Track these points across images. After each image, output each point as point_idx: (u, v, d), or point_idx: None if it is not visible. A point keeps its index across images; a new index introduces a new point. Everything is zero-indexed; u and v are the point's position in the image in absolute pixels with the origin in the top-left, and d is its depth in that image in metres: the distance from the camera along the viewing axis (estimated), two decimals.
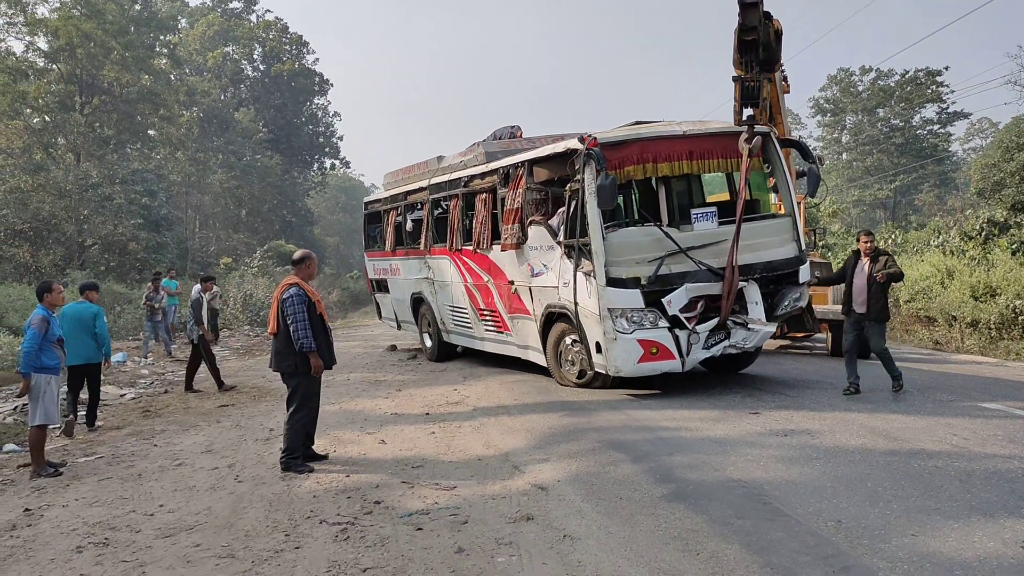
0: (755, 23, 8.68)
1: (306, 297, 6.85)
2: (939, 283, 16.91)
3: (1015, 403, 8.16)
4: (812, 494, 5.35)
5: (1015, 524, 4.63)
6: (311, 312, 6.85)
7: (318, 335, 6.87)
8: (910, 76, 55.10)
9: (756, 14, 8.69)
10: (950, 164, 60.20)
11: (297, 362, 6.85)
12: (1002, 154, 25.88)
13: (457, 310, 12.76)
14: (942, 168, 56.93)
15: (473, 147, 12.50)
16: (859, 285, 8.99)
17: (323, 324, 7.00)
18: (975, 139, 72.92)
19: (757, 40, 8.78)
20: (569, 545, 4.73)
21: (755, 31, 8.73)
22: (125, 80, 35.39)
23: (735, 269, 8.90)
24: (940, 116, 56.49)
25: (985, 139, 68.25)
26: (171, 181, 40.56)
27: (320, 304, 7.00)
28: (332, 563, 4.72)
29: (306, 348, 6.75)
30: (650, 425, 7.73)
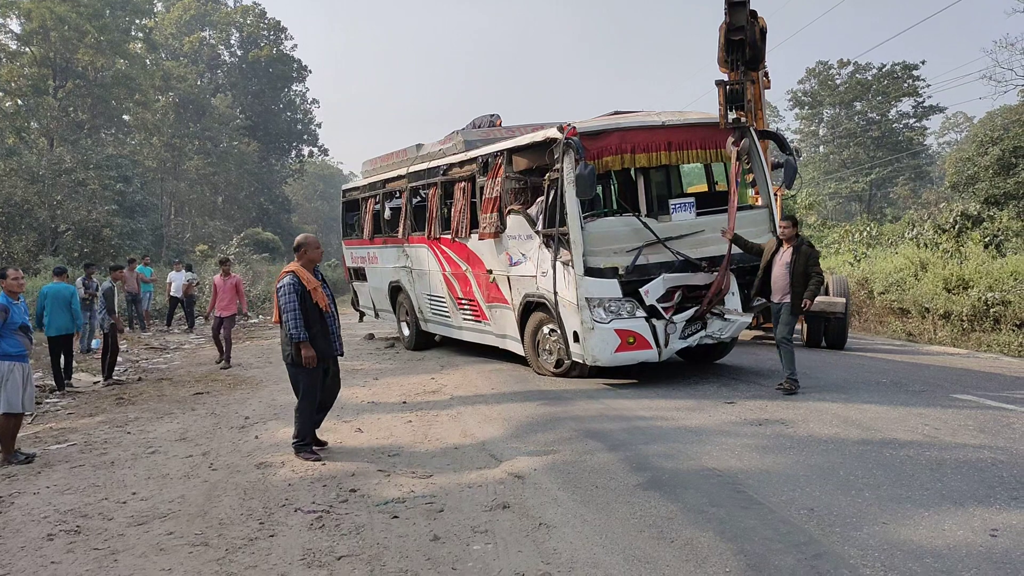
0: (743, 23, 8.71)
1: (299, 286, 6.71)
2: (912, 275, 17.09)
3: (986, 394, 8.28)
4: (785, 483, 5.41)
5: (984, 513, 4.71)
6: (305, 301, 6.71)
7: (311, 324, 6.72)
8: (887, 70, 55.58)
9: (744, 13, 8.72)
10: (925, 158, 60.91)
11: (294, 352, 6.75)
12: (976, 148, 26.21)
13: (435, 299, 12.73)
14: (917, 162, 57.56)
15: (452, 135, 12.45)
16: (779, 273, 8.66)
17: (320, 313, 6.82)
18: (950, 133, 73.83)
19: (744, 39, 8.81)
20: (545, 533, 4.75)
21: (742, 30, 8.76)
22: (100, 64, 34.88)
23: (728, 270, 8.97)
24: (916, 110, 57.06)
25: (960, 133, 69.14)
26: (146, 167, 40.05)
27: (317, 292, 6.79)
28: (307, 551, 4.70)
29: (295, 338, 6.63)
30: (626, 414, 7.76)
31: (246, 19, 55.80)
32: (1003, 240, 19.61)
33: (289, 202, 62.29)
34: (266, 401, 9.77)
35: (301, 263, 6.89)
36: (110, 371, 12.04)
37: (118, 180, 31.33)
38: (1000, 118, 36.40)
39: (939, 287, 15.67)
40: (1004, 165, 23.64)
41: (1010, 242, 19.96)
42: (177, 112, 44.63)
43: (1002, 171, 23.64)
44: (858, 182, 55.12)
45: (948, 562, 4.06)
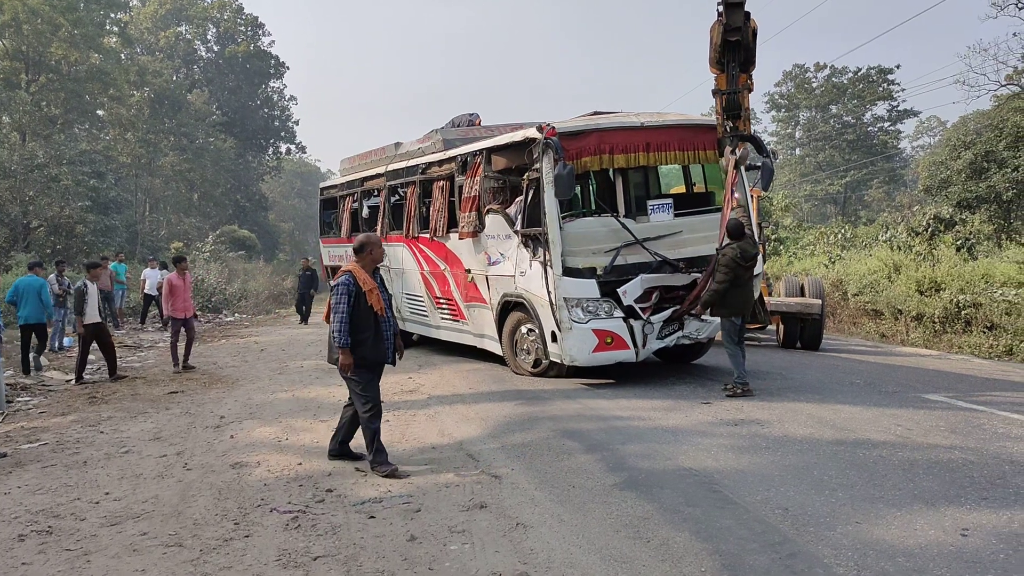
0: (739, 23, 8.75)
1: (354, 287, 6.24)
2: (886, 277, 17.33)
3: (957, 395, 8.40)
4: (760, 482, 5.45)
5: (955, 512, 4.77)
6: (360, 303, 6.24)
7: (364, 328, 6.24)
8: (862, 74, 56.19)
9: (740, 14, 8.76)
10: (899, 161, 61.65)
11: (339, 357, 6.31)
12: (949, 152, 26.56)
13: (413, 298, 12.69)
14: (891, 165, 58.25)
15: (431, 134, 12.43)
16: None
17: (375, 317, 6.32)
18: (923, 137, 74.68)
19: (740, 41, 8.85)
20: (522, 533, 4.75)
21: (739, 31, 8.79)
22: (73, 58, 34.37)
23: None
24: (890, 114, 57.74)
25: (933, 137, 69.98)
26: (120, 163, 39.52)
27: (373, 294, 6.29)
28: (282, 551, 4.67)
29: (337, 342, 6.20)
30: (604, 414, 7.79)
31: (223, 14, 55.25)
32: (975, 243, 19.93)
33: (266, 199, 61.74)
34: (242, 400, 9.69)
35: (362, 263, 6.42)
36: (112, 371, 11.74)
37: (92, 176, 30.92)
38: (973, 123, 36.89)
39: (912, 289, 15.90)
40: (976, 169, 23.99)
41: (981, 245, 20.29)
42: (152, 108, 44.08)
43: (974, 175, 23.99)
44: (833, 184, 55.67)
45: (920, 561, 4.11)
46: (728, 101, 9.06)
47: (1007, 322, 13.25)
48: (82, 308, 11.39)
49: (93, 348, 12.15)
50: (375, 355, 6.37)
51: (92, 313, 11.51)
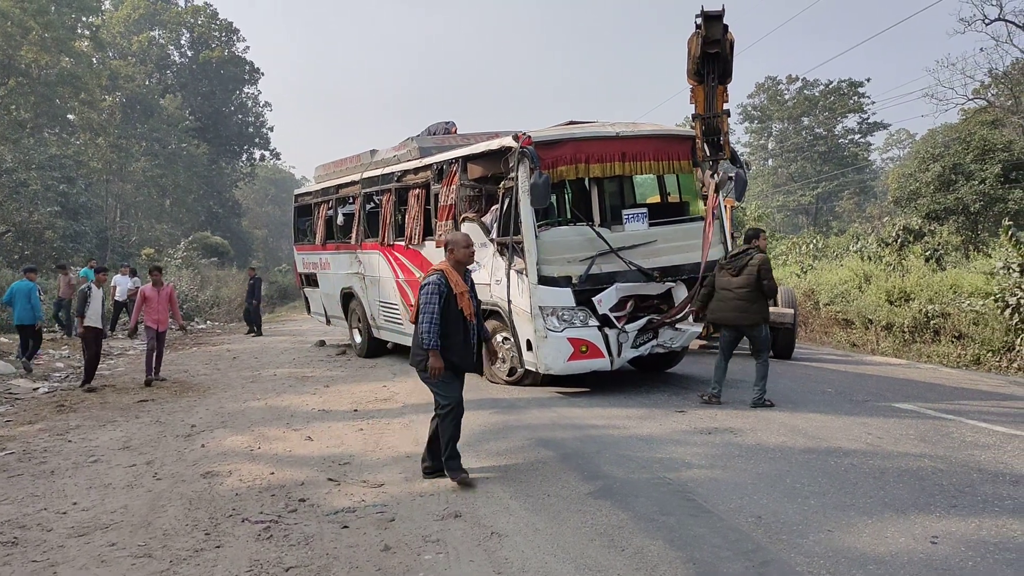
0: (719, 36, 8.83)
1: (445, 287, 5.97)
2: (857, 287, 17.53)
3: (926, 404, 8.51)
4: (734, 491, 5.48)
5: (925, 520, 4.83)
6: (449, 305, 5.97)
7: (452, 332, 5.98)
8: (833, 86, 56.99)
9: (719, 26, 8.84)
10: (869, 173, 62.54)
11: (425, 358, 6.02)
12: (918, 165, 26.97)
13: (388, 306, 12.64)
14: (862, 177, 59.10)
15: (407, 142, 12.41)
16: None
17: (464, 321, 6.06)
18: (893, 149, 75.84)
19: (719, 53, 8.93)
20: (496, 542, 4.74)
21: (718, 44, 8.87)
22: (44, 62, 33.92)
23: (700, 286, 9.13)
24: (861, 126, 58.63)
25: (903, 150, 71.11)
26: (91, 168, 38.98)
27: (463, 297, 6.04)
28: (254, 562, 4.62)
29: (425, 344, 5.90)
30: (579, 423, 7.79)
31: (197, 19, 54.84)
32: (943, 254, 20.24)
33: (240, 206, 61.29)
34: (213, 409, 9.59)
35: (450, 263, 6.16)
36: (88, 376, 11.53)
37: (61, 181, 30.51)
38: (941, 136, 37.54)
39: (882, 299, 16.10)
40: (944, 182, 24.40)
41: (950, 256, 20.61)
42: (124, 112, 43.62)
43: (942, 187, 24.40)
44: (805, 195, 56.34)
45: (890, 568, 4.15)
46: (707, 126, 9.15)
47: (975, 332, 13.46)
48: (83, 309, 11.32)
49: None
50: (461, 361, 6.09)
51: (94, 317, 11.41)
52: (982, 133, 26.31)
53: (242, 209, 63.14)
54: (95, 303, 11.38)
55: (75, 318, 11.86)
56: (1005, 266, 13.35)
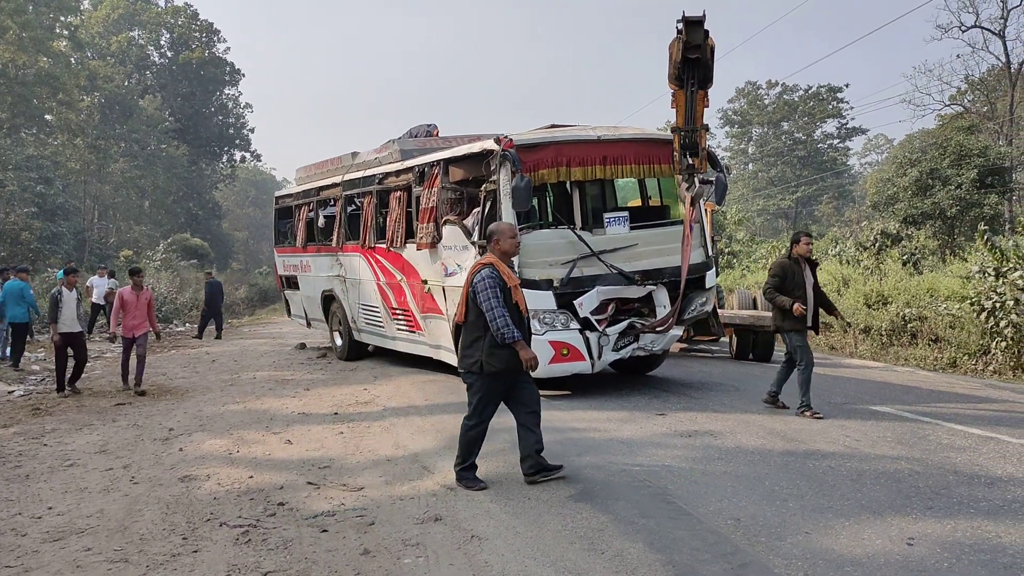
0: (699, 41, 8.88)
1: (501, 279, 5.72)
2: (835, 291, 17.67)
3: (903, 406, 8.59)
4: (713, 493, 5.51)
5: (901, 522, 4.87)
6: (507, 297, 5.72)
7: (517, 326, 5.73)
8: (813, 92, 57.60)
9: (700, 31, 8.89)
10: (848, 178, 63.20)
11: (484, 360, 5.73)
12: (896, 170, 27.28)
13: (369, 308, 12.60)
14: (840, 181, 59.71)
15: (388, 144, 12.38)
16: (810, 296, 8.23)
17: (519, 316, 5.79)
18: (871, 154, 76.66)
19: (700, 58, 8.97)
20: (476, 545, 4.73)
21: (699, 49, 8.92)
22: (21, 61, 33.54)
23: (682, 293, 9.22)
24: (840, 131, 59.29)
25: (881, 155, 71.86)
26: (69, 169, 38.59)
27: (517, 290, 5.82)
28: (232, 566, 4.58)
29: (508, 338, 5.59)
30: (560, 426, 7.80)
31: (177, 20, 54.46)
32: (920, 258, 20.47)
33: (219, 208, 60.87)
34: (191, 412, 9.51)
35: (495, 255, 5.87)
36: (72, 380, 11.25)
37: (38, 182, 30.18)
38: (918, 141, 38.00)
39: (860, 302, 16.25)
40: (921, 187, 24.70)
41: (926, 260, 20.85)
42: (103, 113, 43.21)
43: (920, 192, 24.70)
44: (785, 199, 56.83)
45: (867, 570, 4.18)
46: (686, 139, 9.21)
47: (951, 335, 13.61)
48: (55, 315, 10.99)
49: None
50: (516, 361, 5.74)
51: (67, 322, 11.05)
52: (958, 139, 26.66)
53: (222, 211, 62.73)
54: (67, 308, 11.05)
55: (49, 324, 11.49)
56: (981, 270, 13.51)
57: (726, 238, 30.31)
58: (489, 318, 5.63)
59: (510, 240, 5.92)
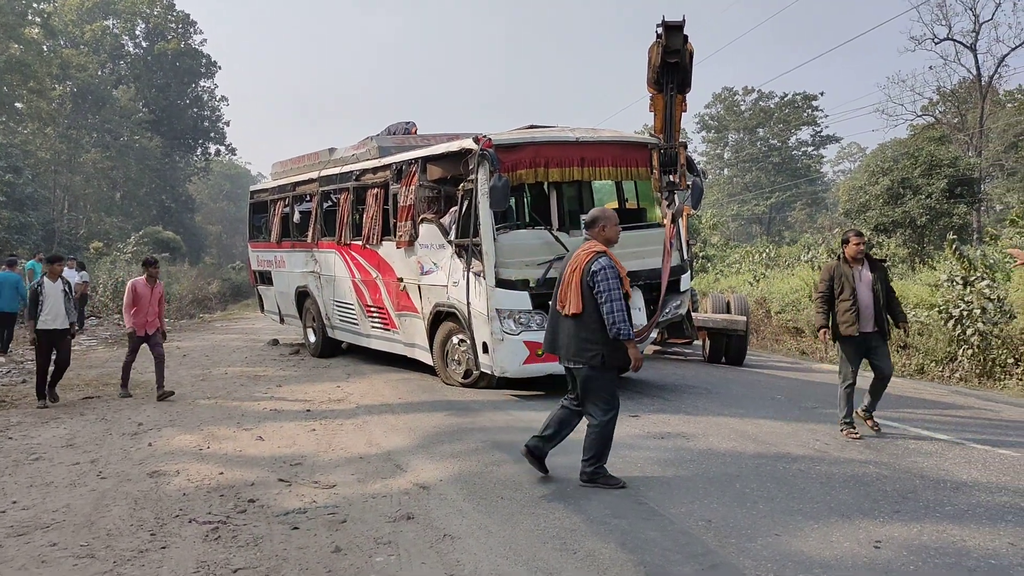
0: (678, 46, 8.93)
1: (617, 269, 5.48)
2: (807, 296, 17.86)
3: None
4: (685, 494, 5.54)
5: (869, 525, 4.94)
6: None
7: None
8: (788, 99, 58.20)
9: (680, 36, 8.94)
10: (821, 185, 63.93)
11: (605, 353, 5.49)
12: (868, 178, 27.64)
13: (343, 305, 12.54)
14: (814, 188, 60.39)
15: (366, 141, 12.33)
16: (865, 299, 7.37)
17: (627, 308, 5.53)
18: (844, 162, 77.59)
19: (679, 63, 9.02)
20: (449, 544, 4.72)
21: (678, 54, 8.96)
22: None
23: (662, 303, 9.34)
24: (814, 139, 59.97)
25: (853, 163, 72.74)
26: (39, 158, 37.98)
27: (626, 281, 5.57)
28: (201, 563, 4.53)
29: (624, 335, 5.39)
30: (534, 426, 7.76)
31: (153, 10, 53.77)
32: (890, 266, 20.75)
33: (193, 201, 60.28)
34: (161, 407, 9.40)
35: (601, 242, 5.62)
36: (51, 384, 9.89)
37: (7, 171, 29.66)
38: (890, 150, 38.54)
39: None
40: (893, 195, 25.05)
41: (897, 268, 21.14)
42: (75, 102, 42.60)
43: (891, 201, 25.04)
44: (759, 205, 57.35)
45: (835, 572, 4.23)
46: (664, 156, 9.28)
47: (919, 342, 13.81)
48: (35, 311, 9.63)
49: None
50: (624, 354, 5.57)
51: (50, 316, 9.69)
52: (929, 149, 27.08)
53: (195, 204, 62.13)
54: (51, 301, 9.68)
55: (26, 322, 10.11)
56: (949, 279, 13.74)
57: (701, 242, 30.54)
58: (607, 310, 5.39)
59: (614, 228, 5.71)
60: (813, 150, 61.05)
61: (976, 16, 36.26)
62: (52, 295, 9.73)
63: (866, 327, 7.39)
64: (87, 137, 42.40)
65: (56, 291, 9.78)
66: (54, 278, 9.88)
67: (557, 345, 5.76)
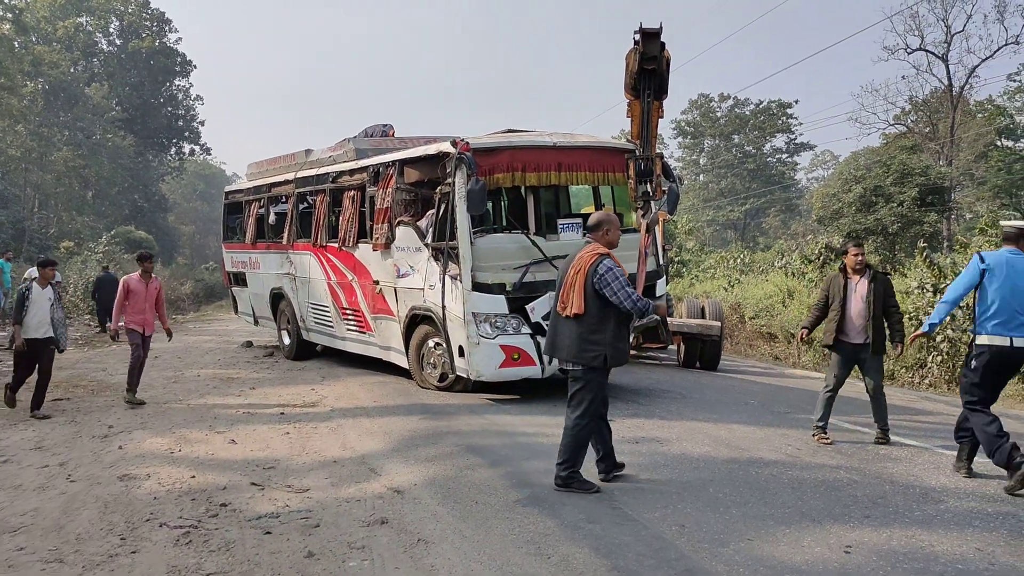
0: (656, 52, 8.98)
1: (622, 271, 5.70)
2: (780, 302, 18.04)
3: (843, 417, 8.78)
4: (659, 499, 5.57)
5: (840, 530, 5.00)
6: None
7: (623, 322, 5.78)
8: (763, 107, 58.75)
9: (657, 43, 8.99)
10: (795, 191, 64.60)
11: (608, 354, 5.66)
12: (841, 185, 28.01)
13: (318, 308, 12.47)
14: (788, 195, 61.03)
15: (343, 143, 12.28)
16: (857, 309, 7.42)
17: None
18: (818, 170, 78.35)
19: (656, 69, 9.08)
20: (423, 549, 4.71)
21: (655, 60, 9.02)
22: None
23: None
24: (788, 146, 60.64)
25: (827, 170, 73.49)
26: (9, 156, 37.39)
27: (631, 280, 5.84)
28: (172, 568, 4.49)
29: (645, 307, 5.63)
30: (509, 430, 7.82)
31: (127, 7, 53.16)
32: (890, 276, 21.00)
33: (166, 201, 59.61)
34: (132, 409, 9.28)
35: (604, 245, 5.76)
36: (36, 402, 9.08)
37: None
38: (863, 158, 39.06)
39: (804, 314, 16.57)
40: (865, 203, 25.39)
41: None
42: (47, 100, 41.97)
43: (863, 208, 25.38)
44: (734, 211, 57.86)
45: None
46: (640, 168, 9.33)
47: (889, 348, 13.95)
48: (20, 316, 8.99)
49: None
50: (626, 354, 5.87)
51: (32, 325, 9.00)
52: (901, 158, 27.49)
53: (169, 204, 61.45)
54: (36, 308, 9.01)
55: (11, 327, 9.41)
56: (920, 286, 13.92)
57: (676, 247, 30.72)
58: (623, 296, 5.53)
59: (616, 232, 5.89)
60: (787, 157, 61.74)
61: (948, 27, 36.86)
62: (39, 301, 9.10)
63: (856, 339, 7.47)
64: (59, 135, 41.80)
65: (43, 298, 9.15)
66: (44, 284, 9.23)
67: (557, 347, 5.86)
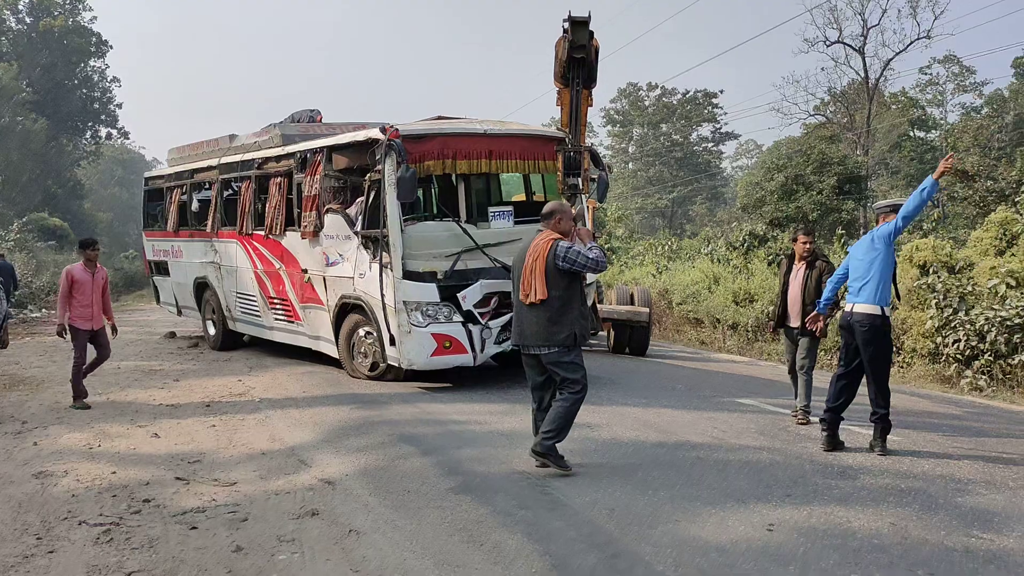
0: (584, 41, 9.02)
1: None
2: (707, 288, 18.45)
3: (766, 399, 9.07)
4: (590, 484, 5.65)
5: (763, 509, 5.15)
6: None
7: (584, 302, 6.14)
8: (690, 96, 59.74)
9: (585, 32, 9.03)
10: (720, 180, 65.99)
11: (577, 331, 5.76)
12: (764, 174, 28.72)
13: (245, 297, 12.20)
14: (714, 183, 62.32)
15: (269, 128, 12.01)
16: (793, 294, 7.70)
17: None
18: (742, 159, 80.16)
19: (585, 58, 9.12)
20: (354, 540, 4.67)
21: (584, 49, 9.06)
22: None
23: None
24: (714, 135, 61.86)
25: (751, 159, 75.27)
26: None
27: None
28: (91, 567, 4.35)
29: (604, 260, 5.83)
30: (441, 418, 7.81)
31: None
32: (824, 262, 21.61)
33: (82, 187, 57.25)
34: (48, 404, 8.93)
35: (556, 233, 5.84)
36: None
37: None
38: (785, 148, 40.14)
39: (729, 300, 17.03)
40: (787, 191, 26.09)
41: None
42: None
43: (785, 196, 26.07)
44: (662, 199, 58.74)
45: (731, 556, 4.40)
46: (569, 160, 9.40)
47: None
48: None
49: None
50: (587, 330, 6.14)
51: None
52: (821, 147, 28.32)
53: (84, 190, 59.03)
54: None
55: None
56: None
57: (606, 235, 31.06)
58: (590, 257, 5.67)
59: (569, 220, 6.00)
60: (713, 146, 62.97)
61: (864, 21, 38.03)
62: None
63: (793, 321, 7.76)
64: None
65: None
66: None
67: (525, 335, 5.91)
